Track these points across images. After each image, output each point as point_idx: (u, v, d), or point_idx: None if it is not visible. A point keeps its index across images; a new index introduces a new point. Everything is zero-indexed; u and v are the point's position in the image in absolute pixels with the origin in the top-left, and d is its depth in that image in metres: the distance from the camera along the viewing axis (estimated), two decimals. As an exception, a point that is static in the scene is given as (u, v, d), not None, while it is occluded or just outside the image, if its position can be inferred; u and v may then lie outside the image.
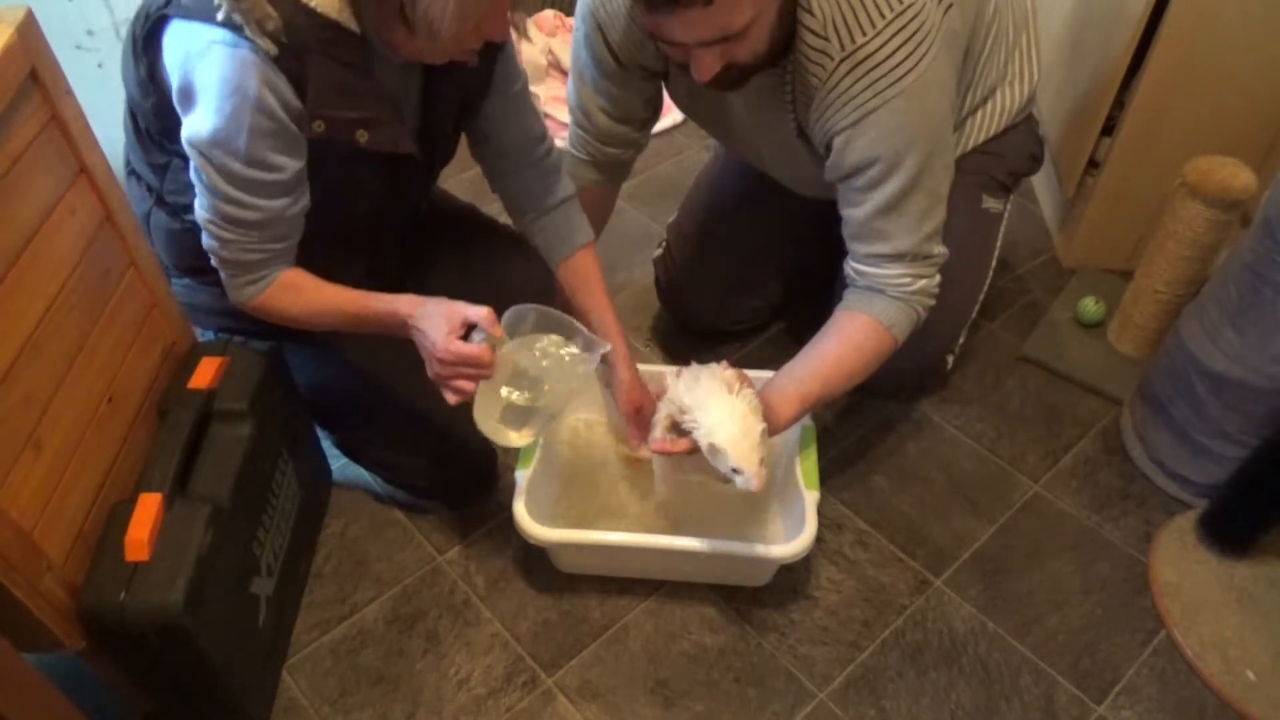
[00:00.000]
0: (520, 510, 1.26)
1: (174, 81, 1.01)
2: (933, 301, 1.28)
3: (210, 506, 1.08)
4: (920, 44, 1.11)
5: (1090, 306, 1.74)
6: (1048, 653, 1.32)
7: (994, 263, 1.53)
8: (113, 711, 1.16)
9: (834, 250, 1.33)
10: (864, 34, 1.09)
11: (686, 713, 1.26)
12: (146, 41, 1.03)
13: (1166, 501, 1.50)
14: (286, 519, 1.30)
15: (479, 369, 1.10)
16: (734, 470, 1.11)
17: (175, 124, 1.04)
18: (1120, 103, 1.69)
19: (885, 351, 1.27)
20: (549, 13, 2.37)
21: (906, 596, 1.38)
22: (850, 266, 1.28)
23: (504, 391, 1.17)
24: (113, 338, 1.11)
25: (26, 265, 0.96)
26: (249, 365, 1.20)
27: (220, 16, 0.95)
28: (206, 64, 0.98)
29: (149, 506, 1.04)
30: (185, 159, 1.05)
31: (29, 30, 0.95)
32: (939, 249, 1.26)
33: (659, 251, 1.71)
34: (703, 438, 1.12)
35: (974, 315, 1.54)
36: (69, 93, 1.02)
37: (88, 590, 1.01)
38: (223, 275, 1.14)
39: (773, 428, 1.18)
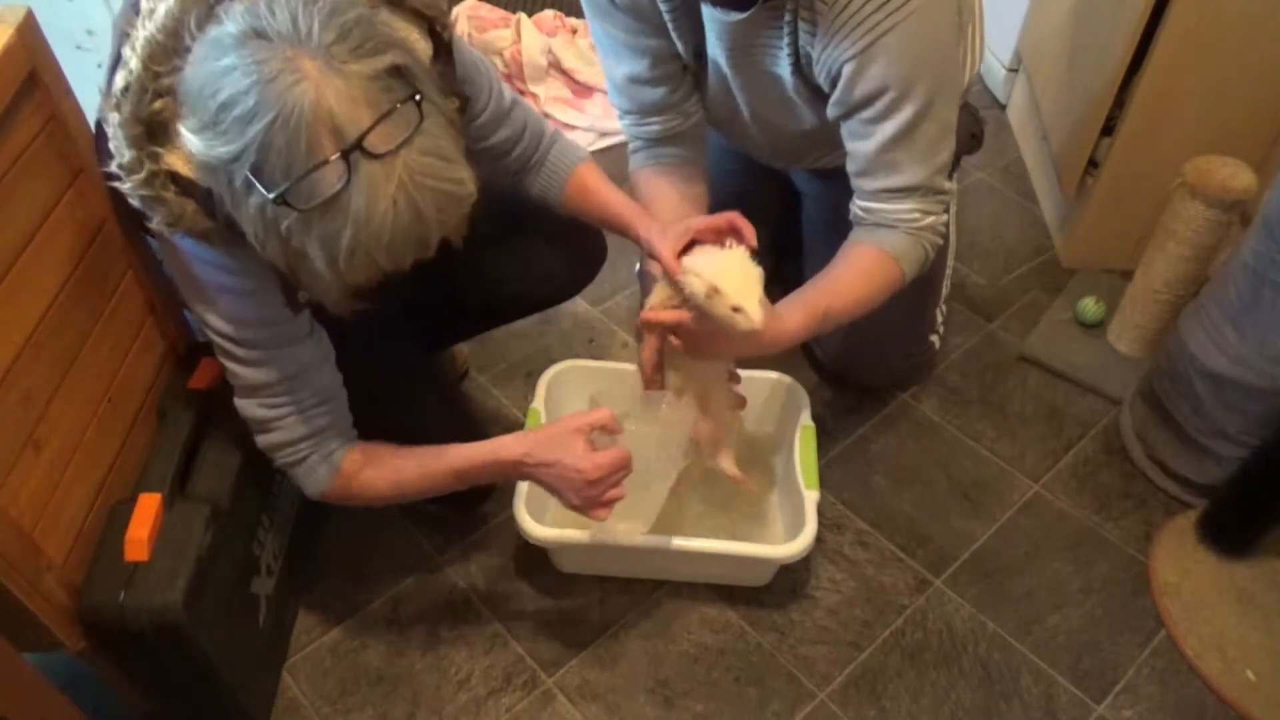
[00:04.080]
0: (520, 510, 1.26)
1: (166, 259, 1.00)
2: (940, 240, 1.27)
3: (210, 506, 1.08)
4: None
5: (1090, 306, 1.74)
6: (1048, 653, 1.32)
7: (953, 237, 1.53)
8: (113, 711, 1.16)
9: (804, 223, 1.29)
10: None
11: (686, 713, 1.26)
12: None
13: (1166, 502, 1.50)
14: (286, 519, 1.29)
15: (626, 470, 1.08)
16: (734, 310, 1.05)
17: None
18: (1120, 103, 1.69)
19: (893, 282, 1.25)
20: (549, 13, 2.37)
21: (906, 596, 1.38)
22: (857, 205, 1.26)
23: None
24: (113, 338, 1.11)
25: (26, 265, 0.96)
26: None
27: (166, 234, 0.91)
28: (186, 259, 0.96)
29: (149, 506, 1.04)
30: None
31: (29, 30, 0.95)
32: (949, 184, 1.25)
33: (637, 269, 1.70)
34: (700, 285, 1.07)
35: (945, 291, 1.55)
36: (69, 93, 1.02)
37: (87, 590, 1.01)
38: (296, 475, 1.09)
39: (781, 335, 1.17)
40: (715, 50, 1.28)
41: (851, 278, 1.24)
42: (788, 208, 1.63)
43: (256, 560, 1.20)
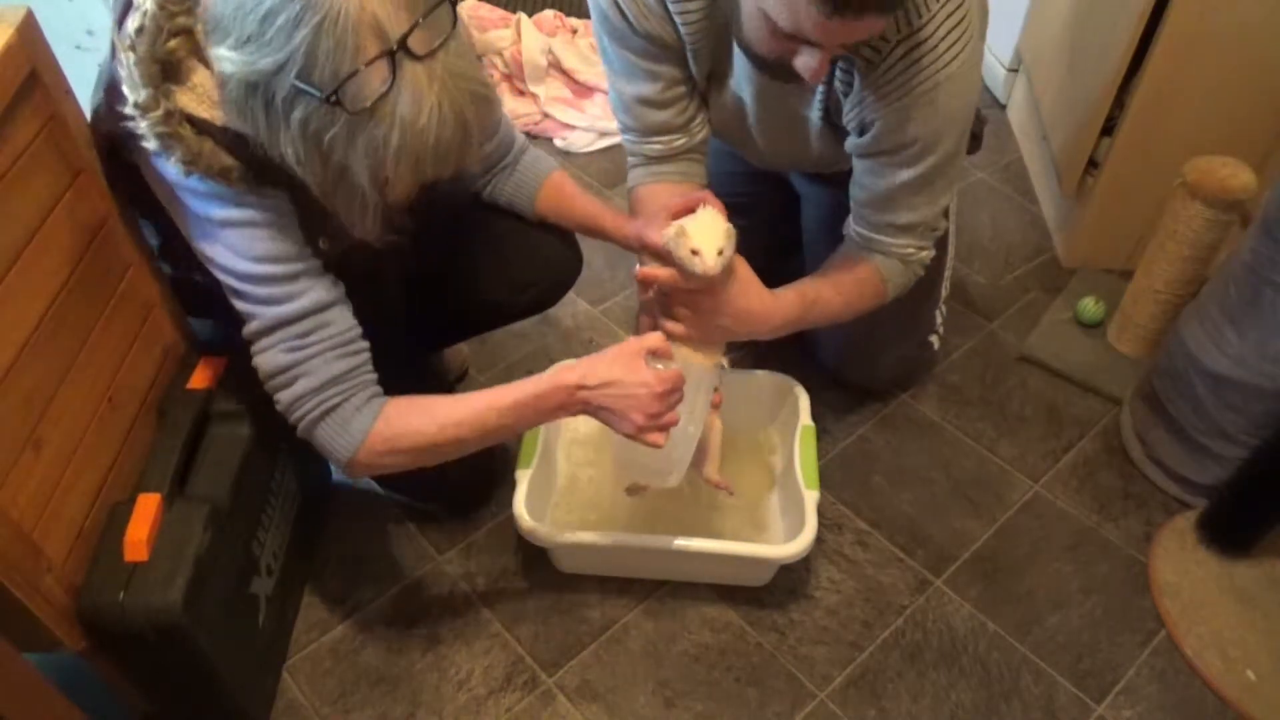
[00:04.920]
0: (520, 510, 1.26)
1: (176, 213, 1.00)
2: (923, 272, 1.34)
3: (209, 506, 1.07)
4: (967, 28, 1.11)
5: (1090, 306, 1.74)
6: (1048, 653, 1.32)
7: (952, 237, 1.55)
8: (113, 711, 1.16)
9: (803, 222, 1.37)
10: (920, 17, 1.09)
11: (686, 713, 1.26)
12: (114, 150, 1.00)
13: (1167, 502, 1.50)
14: (286, 519, 1.29)
15: (680, 394, 1.06)
16: (692, 252, 1.12)
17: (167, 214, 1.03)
18: (1120, 103, 1.69)
19: (877, 297, 1.31)
20: (549, 13, 2.37)
21: (906, 596, 1.38)
22: (854, 230, 1.29)
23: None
24: (113, 338, 1.11)
25: (26, 265, 0.96)
26: (249, 365, 1.20)
27: (183, 176, 0.92)
28: (201, 201, 0.96)
29: (148, 506, 1.04)
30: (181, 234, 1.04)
31: (29, 30, 0.95)
32: (945, 222, 1.29)
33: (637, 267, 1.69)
34: (672, 229, 1.14)
35: (945, 293, 1.56)
36: (69, 93, 1.02)
37: (87, 590, 1.01)
38: (327, 432, 1.03)
39: (774, 311, 1.23)
40: (742, 87, 1.29)
41: (844, 279, 1.30)
42: (787, 207, 1.63)
43: (256, 560, 1.20)
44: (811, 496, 1.28)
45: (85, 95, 1.04)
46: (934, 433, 1.60)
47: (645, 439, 1.06)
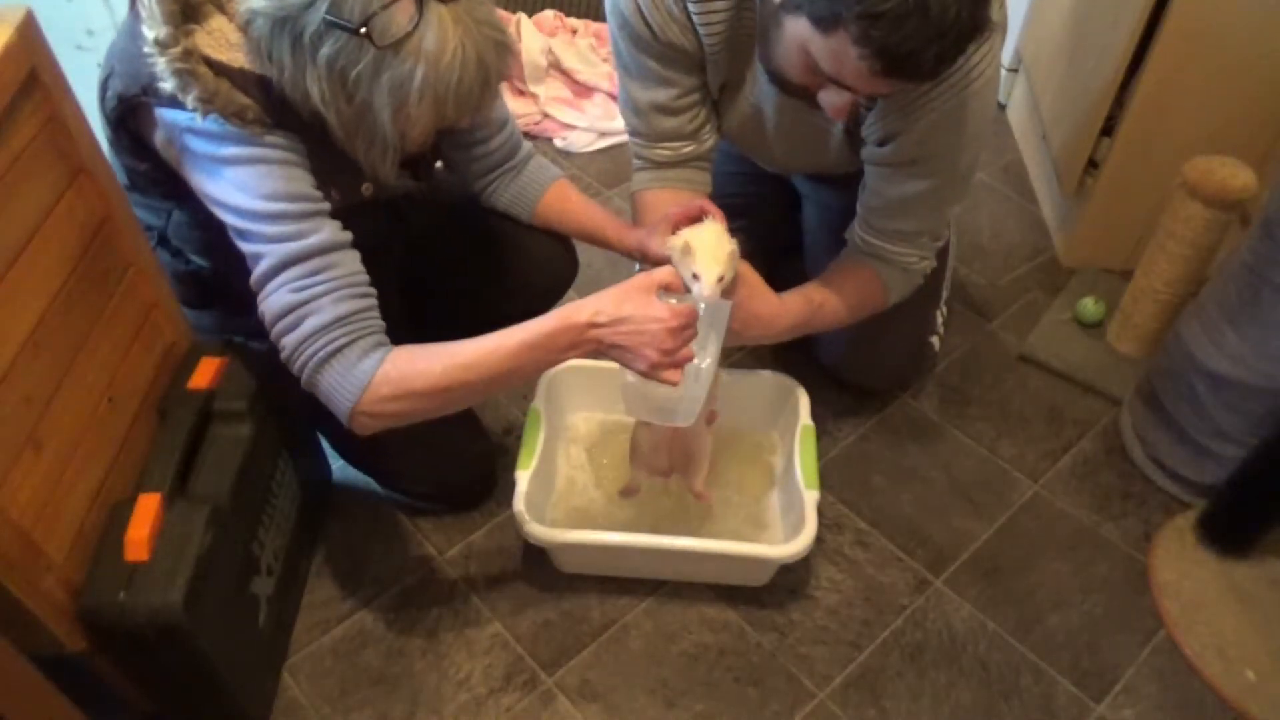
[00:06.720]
0: (520, 510, 1.26)
1: (186, 162, 1.00)
2: (923, 281, 1.36)
3: (210, 506, 1.07)
4: (993, 45, 1.12)
5: (1090, 306, 1.74)
6: (1048, 652, 1.32)
7: (953, 238, 1.55)
8: (113, 711, 1.16)
9: (804, 223, 1.39)
10: None
11: (686, 712, 1.26)
12: (123, 117, 1.01)
13: (1166, 501, 1.50)
14: (286, 519, 1.29)
15: (694, 330, 1.03)
16: (694, 276, 1.08)
17: (175, 181, 1.03)
18: (1120, 103, 1.69)
19: (876, 303, 1.34)
20: (549, 13, 2.37)
21: (906, 596, 1.38)
22: (858, 235, 1.31)
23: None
24: (113, 338, 1.11)
25: (26, 265, 0.96)
26: (249, 365, 1.20)
27: (200, 117, 0.93)
28: (213, 142, 0.97)
29: (149, 506, 1.04)
30: (186, 209, 1.05)
31: (29, 30, 0.95)
32: (947, 231, 1.32)
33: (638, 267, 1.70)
34: (678, 241, 1.11)
35: (945, 294, 1.57)
36: (69, 93, 1.02)
37: (87, 590, 1.01)
38: (332, 376, 1.00)
39: (782, 315, 1.25)
40: (762, 99, 1.29)
41: (847, 285, 1.32)
42: (787, 208, 1.64)
43: (256, 560, 1.20)
44: (811, 496, 1.28)
45: (85, 95, 1.04)
46: (934, 433, 1.60)
47: (660, 376, 1.03)
